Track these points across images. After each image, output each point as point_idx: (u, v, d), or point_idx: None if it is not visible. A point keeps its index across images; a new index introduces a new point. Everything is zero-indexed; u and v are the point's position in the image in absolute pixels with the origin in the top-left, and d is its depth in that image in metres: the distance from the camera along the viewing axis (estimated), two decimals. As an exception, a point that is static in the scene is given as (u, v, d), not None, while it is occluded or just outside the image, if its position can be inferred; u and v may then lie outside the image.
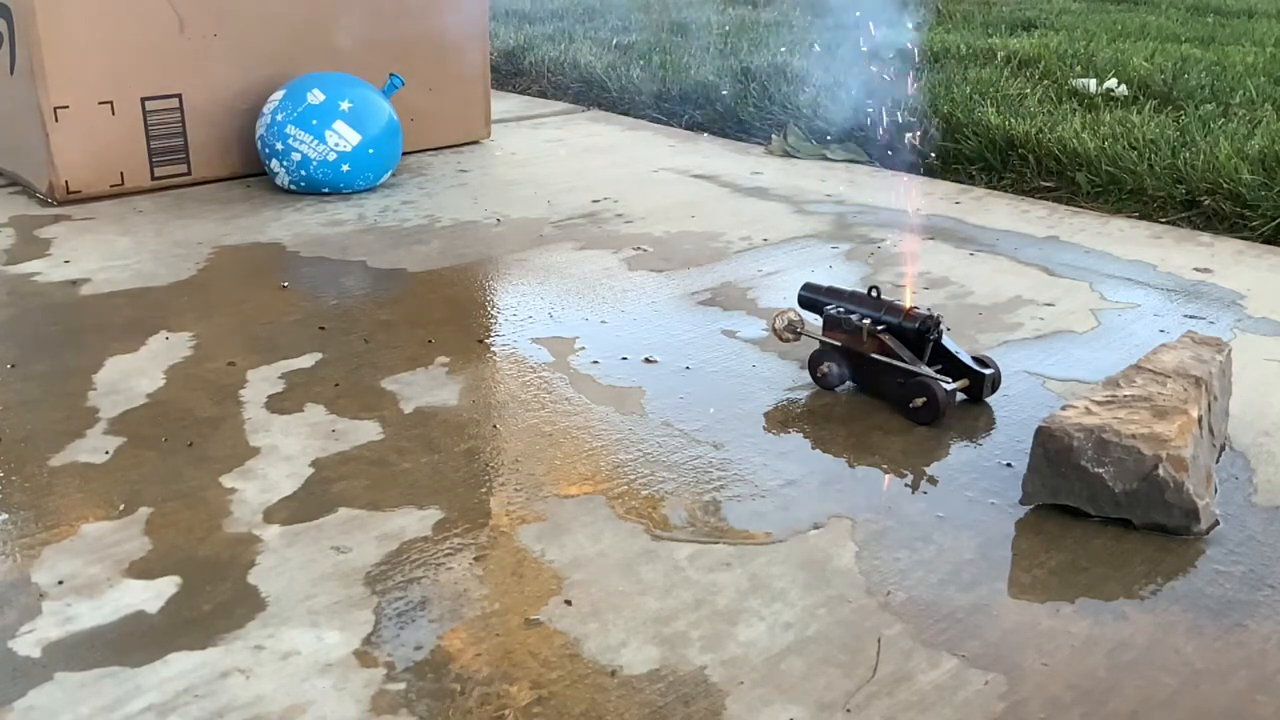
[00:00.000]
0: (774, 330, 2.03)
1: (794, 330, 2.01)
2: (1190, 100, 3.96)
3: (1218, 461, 1.72)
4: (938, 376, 1.87)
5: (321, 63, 3.34)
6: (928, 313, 1.92)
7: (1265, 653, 1.32)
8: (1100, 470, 1.55)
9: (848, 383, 1.98)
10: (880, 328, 1.93)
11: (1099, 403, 1.64)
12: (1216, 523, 1.57)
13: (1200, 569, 1.48)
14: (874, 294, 2.01)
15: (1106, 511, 1.57)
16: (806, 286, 2.12)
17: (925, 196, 3.28)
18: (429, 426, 1.83)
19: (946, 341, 1.93)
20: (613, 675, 1.25)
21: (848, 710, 1.21)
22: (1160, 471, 1.52)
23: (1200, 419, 1.61)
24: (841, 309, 1.99)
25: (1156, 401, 1.63)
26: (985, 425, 1.87)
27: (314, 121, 3.07)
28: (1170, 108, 3.89)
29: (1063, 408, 1.65)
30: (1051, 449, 1.58)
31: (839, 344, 1.96)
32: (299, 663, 1.27)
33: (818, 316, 2.03)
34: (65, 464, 1.70)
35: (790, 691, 1.23)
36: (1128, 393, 1.66)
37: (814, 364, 1.99)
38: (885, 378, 1.91)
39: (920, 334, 1.91)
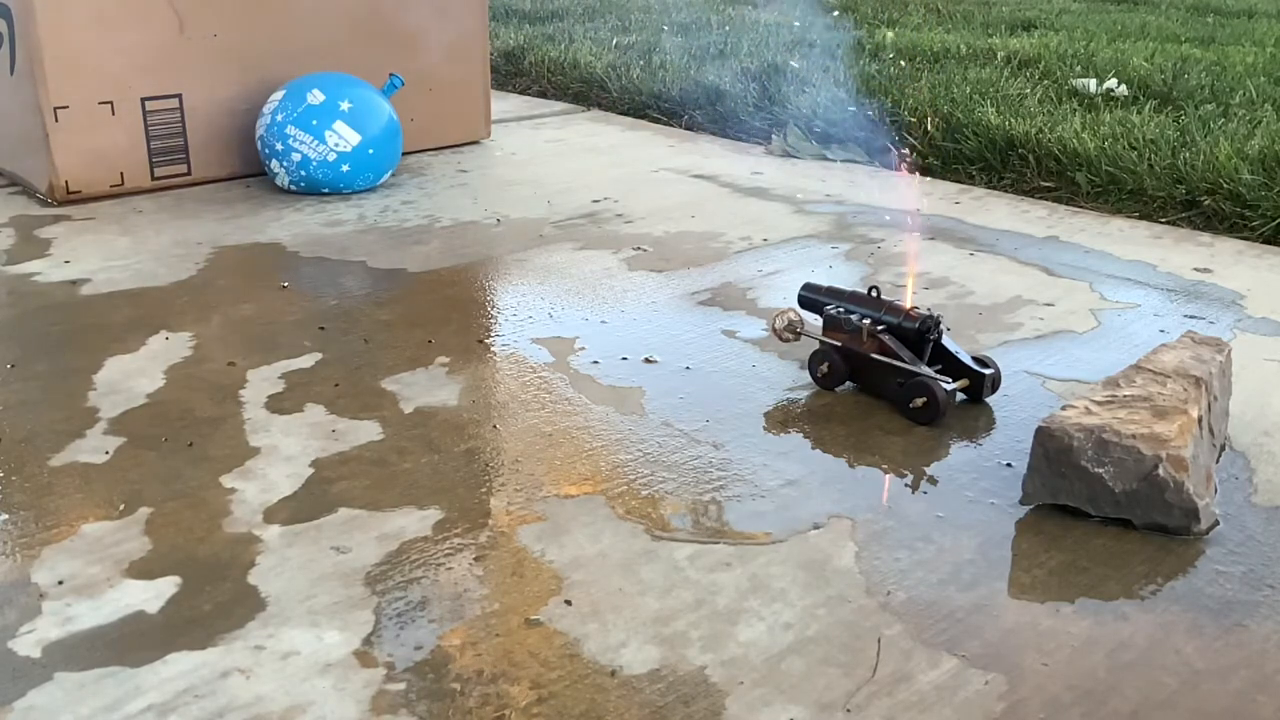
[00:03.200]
0: (774, 330, 2.03)
1: (794, 330, 2.01)
2: (1190, 100, 3.96)
3: (1218, 461, 1.72)
4: (937, 376, 1.87)
5: (321, 63, 3.34)
6: (927, 313, 1.92)
7: (1265, 653, 1.32)
8: (1100, 470, 1.55)
9: (847, 383, 1.98)
10: (880, 328, 1.94)
11: (1099, 403, 1.64)
12: (1216, 523, 1.57)
13: (1200, 569, 1.48)
14: (874, 294, 2.00)
15: (1106, 511, 1.57)
16: (806, 286, 2.12)
17: (925, 196, 3.28)
18: (429, 426, 1.83)
19: (946, 341, 1.93)
20: (613, 675, 1.26)
21: (848, 710, 1.21)
22: (1160, 471, 1.52)
23: (1200, 419, 1.61)
24: (841, 309, 1.99)
25: (1156, 401, 1.63)
26: (985, 425, 1.87)
27: (314, 122, 3.07)
28: (1170, 108, 3.89)
29: (1063, 408, 1.65)
30: (1051, 449, 1.58)
31: (839, 344, 1.96)
32: (299, 663, 1.27)
33: (818, 316, 2.03)
34: (65, 464, 1.70)
35: (790, 691, 1.23)
36: (1128, 393, 1.66)
37: (814, 364, 1.99)
38: (885, 378, 1.91)
39: (920, 334, 1.91)
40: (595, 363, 2.08)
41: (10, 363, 2.06)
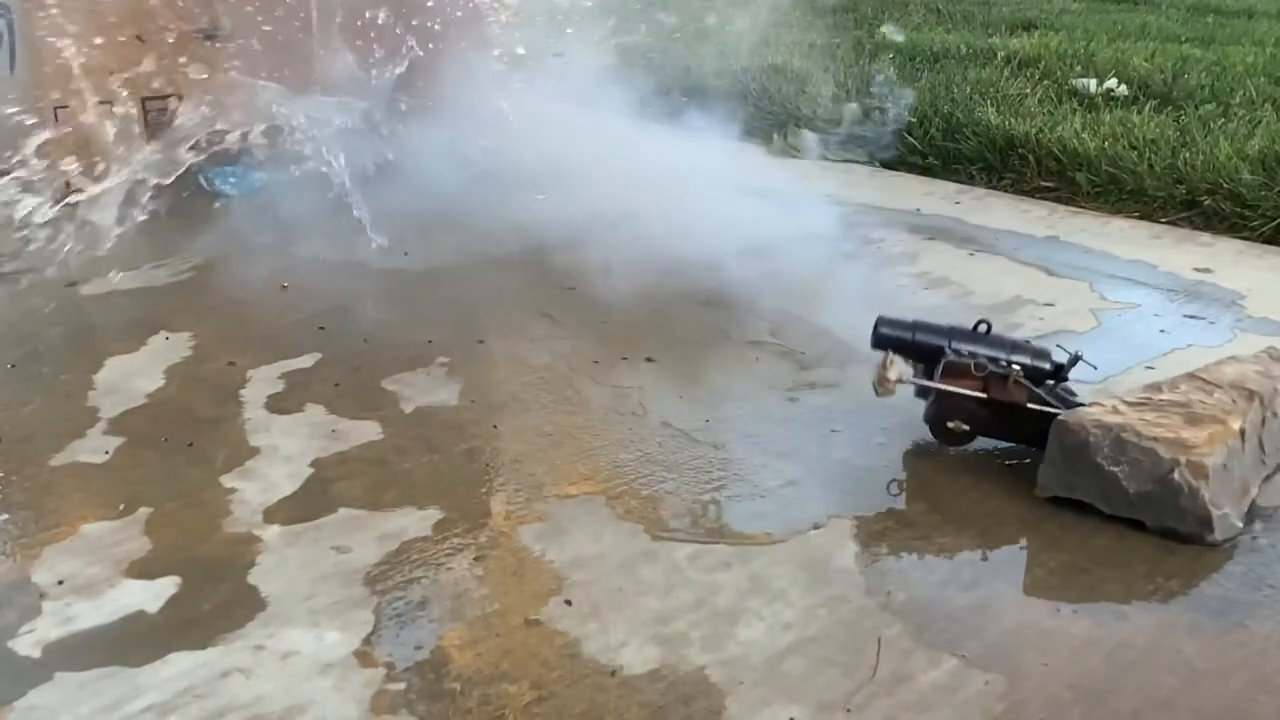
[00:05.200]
0: (882, 381, 1.69)
1: (902, 380, 1.70)
2: (1190, 100, 3.96)
3: (1268, 479, 1.66)
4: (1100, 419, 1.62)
5: (321, 63, 3.33)
6: (1059, 348, 1.71)
7: (1265, 653, 1.32)
8: (1115, 469, 1.54)
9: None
10: (1014, 367, 1.68)
11: (1130, 404, 1.63)
12: (1238, 535, 1.54)
13: (1200, 569, 1.48)
14: (984, 329, 1.72)
15: (1120, 511, 1.56)
16: (886, 323, 1.79)
17: (925, 196, 3.27)
18: (429, 426, 1.83)
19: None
20: (613, 675, 1.26)
21: (848, 710, 1.21)
22: (1176, 475, 1.51)
23: (1242, 431, 1.58)
24: (965, 352, 1.69)
25: (1194, 409, 1.61)
26: (985, 425, 1.86)
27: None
28: (1170, 108, 3.89)
29: (1089, 404, 1.65)
30: (1068, 443, 1.58)
31: (982, 394, 1.66)
32: (299, 663, 1.27)
33: (892, 353, 1.74)
34: (65, 464, 1.70)
35: (790, 691, 1.23)
36: (1166, 398, 1.64)
37: (944, 418, 1.68)
38: (1037, 427, 1.64)
39: (1056, 374, 1.70)
40: (595, 362, 2.08)
41: (10, 363, 2.06)
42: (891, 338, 1.75)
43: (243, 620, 1.34)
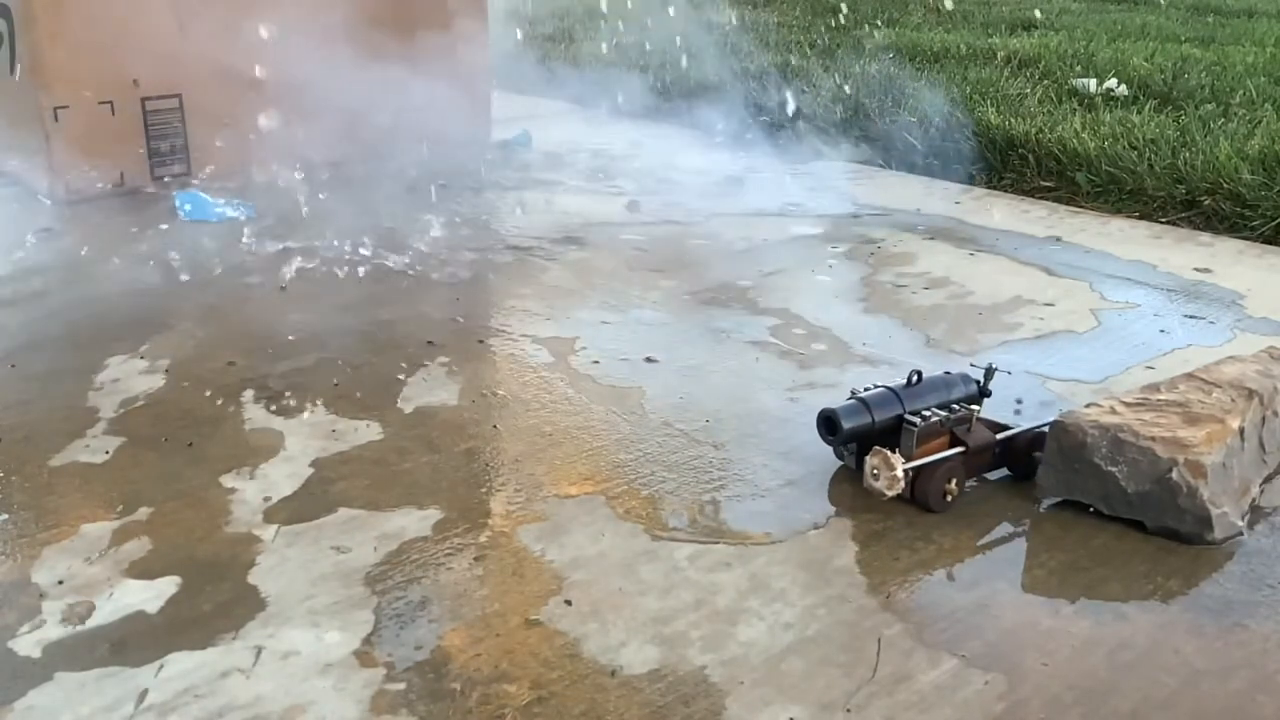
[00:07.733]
0: (892, 484, 1.56)
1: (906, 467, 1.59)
2: (1190, 100, 3.96)
3: (1270, 478, 1.67)
4: (1043, 425, 1.67)
5: (319, 61, 3.33)
6: (971, 366, 1.72)
7: (1265, 653, 1.32)
8: (1113, 469, 1.54)
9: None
10: (974, 408, 1.66)
11: (1128, 404, 1.63)
12: (1239, 534, 1.54)
13: (1200, 569, 1.48)
14: (917, 379, 1.66)
15: (1120, 511, 1.56)
16: (844, 414, 1.61)
17: (925, 196, 3.28)
18: (429, 426, 1.83)
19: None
20: (613, 675, 1.26)
21: (848, 710, 1.21)
22: (1174, 475, 1.51)
23: (1241, 430, 1.58)
24: (926, 413, 1.61)
25: (1192, 408, 1.61)
26: (985, 425, 1.86)
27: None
28: (1170, 108, 3.89)
29: (1087, 405, 1.65)
30: (1065, 444, 1.58)
31: (963, 450, 1.62)
32: (299, 663, 1.27)
33: (875, 447, 1.60)
34: (65, 464, 1.70)
35: (790, 691, 1.23)
36: (1164, 397, 1.64)
37: (935, 491, 1.58)
38: (1004, 450, 1.67)
39: (983, 390, 1.71)
40: (595, 362, 2.08)
41: (10, 363, 2.06)
42: (858, 430, 1.61)
43: (243, 620, 1.34)
